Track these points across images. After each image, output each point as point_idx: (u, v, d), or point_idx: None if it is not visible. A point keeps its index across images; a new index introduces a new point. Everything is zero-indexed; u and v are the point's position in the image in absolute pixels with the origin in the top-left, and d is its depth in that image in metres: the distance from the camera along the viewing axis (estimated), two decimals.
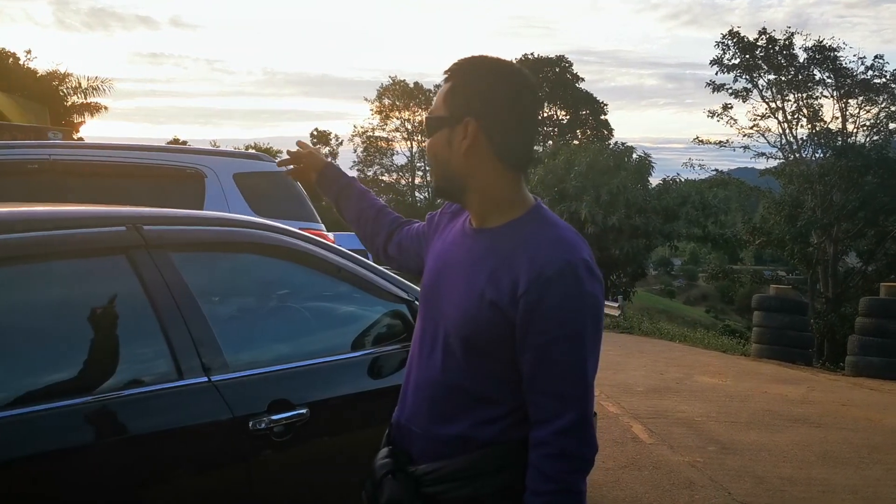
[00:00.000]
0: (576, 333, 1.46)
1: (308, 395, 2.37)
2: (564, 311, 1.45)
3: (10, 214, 2.13)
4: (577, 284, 1.45)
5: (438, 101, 1.58)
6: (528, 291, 1.45)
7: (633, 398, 7.44)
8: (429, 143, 1.61)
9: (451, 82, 1.56)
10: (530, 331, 1.47)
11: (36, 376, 1.95)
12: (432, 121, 1.59)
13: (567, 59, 55.13)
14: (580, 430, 1.46)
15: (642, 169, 29.69)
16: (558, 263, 1.46)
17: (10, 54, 31.95)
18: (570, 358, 1.47)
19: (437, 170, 1.61)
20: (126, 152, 5.34)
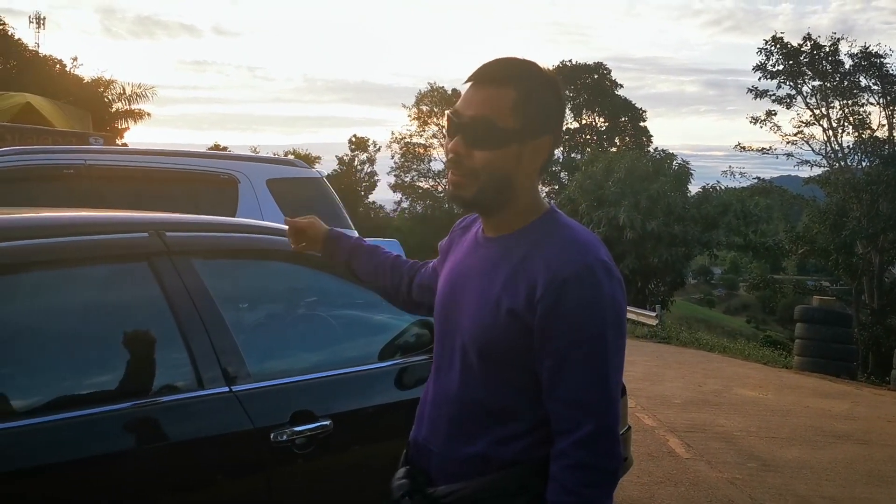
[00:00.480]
0: (596, 338, 1.39)
1: (332, 407, 2.31)
2: (583, 314, 1.39)
3: (31, 220, 2.12)
4: (596, 286, 1.39)
5: (499, 109, 1.43)
6: (544, 296, 1.39)
7: (670, 411, 7.28)
8: (486, 154, 1.44)
9: (515, 91, 1.44)
10: (549, 337, 1.40)
11: (54, 385, 1.93)
12: (498, 132, 1.43)
13: (605, 65, 54.79)
14: (601, 440, 1.39)
15: (682, 176, 29.33)
16: (575, 265, 1.40)
17: (56, 61, 32.69)
18: (591, 364, 1.40)
19: (489, 183, 1.46)
20: (161, 158, 5.36)
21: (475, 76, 1.48)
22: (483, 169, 1.45)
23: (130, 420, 1.94)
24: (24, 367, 1.91)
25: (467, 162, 1.46)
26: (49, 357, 1.97)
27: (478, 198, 1.48)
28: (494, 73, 1.47)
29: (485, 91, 1.46)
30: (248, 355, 2.22)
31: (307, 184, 5.76)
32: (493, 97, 1.45)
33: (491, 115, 1.43)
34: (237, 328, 2.26)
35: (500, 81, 1.45)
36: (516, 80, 1.46)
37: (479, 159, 1.45)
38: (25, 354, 1.94)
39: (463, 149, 1.46)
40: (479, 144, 1.45)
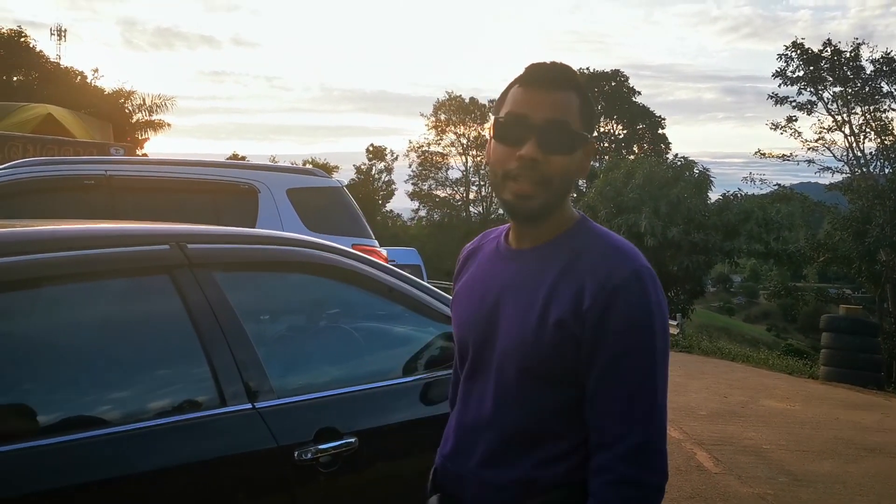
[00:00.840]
0: (645, 346, 1.33)
1: (357, 424, 2.24)
2: (633, 322, 1.33)
3: (51, 233, 2.06)
4: (645, 293, 1.34)
5: (571, 112, 1.39)
6: (593, 305, 1.33)
7: (696, 423, 7.14)
8: (562, 160, 1.39)
9: (577, 96, 1.41)
10: (597, 347, 1.34)
11: (72, 402, 1.87)
12: (574, 137, 1.39)
13: (623, 73, 54.62)
14: (647, 453, 1.32)
15: (702, 183, 29.10)
16: (623, 272, 1.34)
17: (78, 73, 33.05)
18: (639, 374, 1.34)
19: (560, 190, 1.41)
20: (180, 168, 5.34)
21: (536, 79, 1.42)
22: (558, 175, 1.39)
23: (152, 439, 1.87)
24: (42, 384, 1.86)
25: (542, 168, 1.38)
26: (67, 373, 1.92)
27: (546, 207, 1.41)
28: (557, 76, 1.42)
29: (553, 94, 1.40)
30: (271, 370, 2.16)
31: (327, 193, 5.73)
32: (563, 100, 1.40)
33: (566, 118, 1.39)
34: (260, 342, 2.19)
35: (565, 85, 1.41)
36: (575, 84, 1.43)
37: (555, 165, 1.39)
38: (43, 370, 1.88)
39: (540, 154, 1.38)
40: (557, 149, 1.39)
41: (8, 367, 1.83)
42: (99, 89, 30.87)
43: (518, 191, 1.40)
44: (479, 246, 1.64)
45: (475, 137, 54.39)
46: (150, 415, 1.92)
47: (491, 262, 1.54)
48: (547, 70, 1.42)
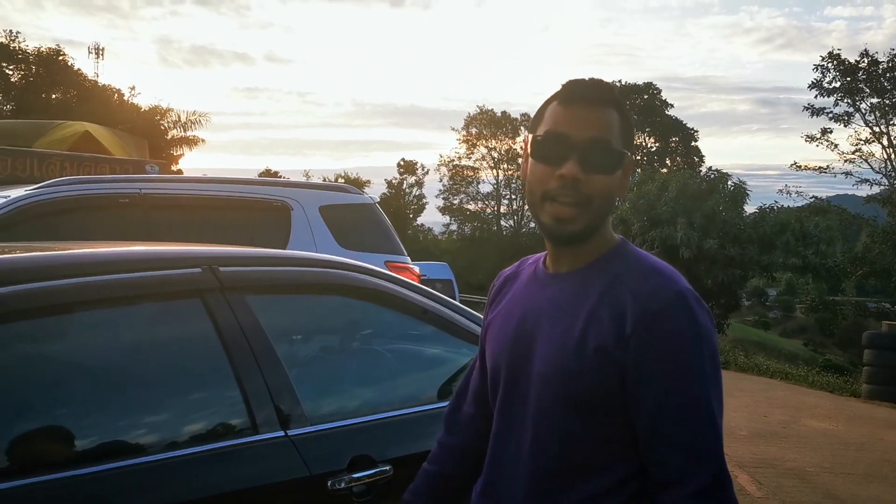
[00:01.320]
0: (696, 373, 1.26)
1: (391, 451, 2.17)
2: (679, 347, 1.26)
3: (82, 257, 2.04)
4: (690, 316, 1.27)
5: (611, 130, 1.34)
6: (636, 330, 1.26)
7: (736, 444, 6.96)
8: (604, 179, 1.33)
9: (617, 113, 1.36)
10: (644, 376, 1.26)
11: (103, 430, 1.82)
12: (616, 155, 1.34)
13: (655, 86, 54.29)
14: (718, 491, 1.25)
15: (738, 196, 28.73)
16: (665, 295, 1.27)
17: (115, 90, 33.68)
18: (695, 403, 1.26)
19: (601, 211, 1.36)
20: (214, 185, 5.35)
21: (576, 96, 1.36)
22: (599, 195, 1.34)
23: (182, 469, 1.82)
24: (71, 412, 1.82)
25: (584, 188, 1.33)
26: (97, 400, 1.88)
27: (587, 229, 1.36)
28: (597, 93, 1.36)
29: (593, 112, 1.35)
30: (304, 396, 2.10)
31: (360, 210, 5.71)
32: (603, 118, 1.35)
33: (607, 136, 1.34)
34: (292, 366, 2.14)
35: (605, 102, 1.36)
36: (615, 101, 1.37)
37: (596, 185, 1.33)
38: (73, 397, 1.84)
39: (581, 174, 1.32)
40: (598, 168, 1.33)
41: (39, 394, 1.80)
42: (135, 106, 31.43)
43: (556, 214, 1.34)
44: (515, 272, 1.57)
45: (506, 151, 54.36)
46: (180, 443, 1.87)
47: (528, 287, 1.48)
48: (587, 87, 1.36)
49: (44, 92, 33.24)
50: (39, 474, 1.62)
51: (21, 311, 1.75)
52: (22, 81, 34.35)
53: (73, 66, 34.53)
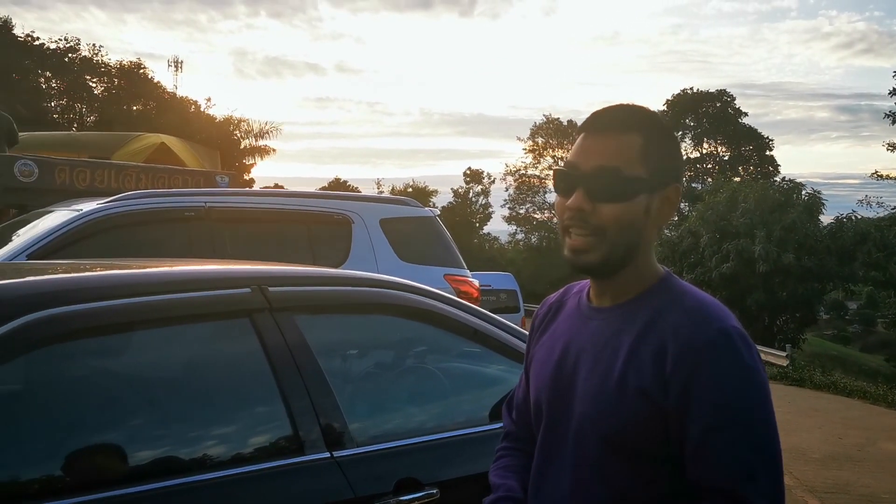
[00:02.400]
0: (739, 416, 1.19)
1: (439, 474, 2.15)
2: (722, 391, 1.19)
3: (132, 277, 2.08)
4: (734, 356, 1.20)
5: (626, 156, 1.28)
6: (675, 370, 1.20)
7: (808, 467, 6.71)
8: (615, 208, 1.28)
9: (640, 138, 1.29)
10: (686, 419, 1.20)
11: (150, 450, 1.86)
12: (628, 182, 1.27)
13: (728, 93, 53.11)
14: None
15: (813, 206, 27.81)
16: (708, 333, 1.21)
17: (192, 102, 34.76)
18: (737, 448, 1.19)
19: (619, 241, 1.29)
20: (277, 199, 5.45)
21: (592, 124, 1.33)
22: (612, 225, 1.28)
23: (228, 489, 1.84)
24: (119, 433, 1.86)
25: (593, 219, 1.29)
26: (145, 421, 1.92)
27: (607, 259, 1.30)
28: (614, 119, 1.31)
29: (607, 139, 1.30)
30: (351, 417, 2.10)
31: (420, 223, 5.73)
32: (617, 144, 1.29)
33: (617, 163, 1.27)
34: (339, 387, 2.15)
35: (623, 128, 1.30)
36: (639, 125, 1.31)
37: (606, 214, 1.28)
38: (122, 417, 1.88)
39: (587, 204, 1.28)
40: (607, 197, 1.28)
41: (91, 412, 1.85)
42: (210, 117, 32.35)
43: (572, 245, 1.31)
44: (560, 301, 1.53)
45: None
46: (227, 463, 1.89)
47: (571, 320, 1.43)
48: (605, 114, 1.33)
49: (125, 104, 34.53)
50: (88, 493, 1.66)
51: (73, 332, 1.79)
52: (105, 94, 35.78)
53: (153, 79, 35.81)
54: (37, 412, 1.79)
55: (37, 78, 34.13)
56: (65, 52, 34.84)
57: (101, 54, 35.72)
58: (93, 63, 35.26)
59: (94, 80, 35.87)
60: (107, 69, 35.53)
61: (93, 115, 34.80)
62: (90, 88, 35.76)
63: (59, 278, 2.02)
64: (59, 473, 1.71)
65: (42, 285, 1.90)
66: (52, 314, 1.73)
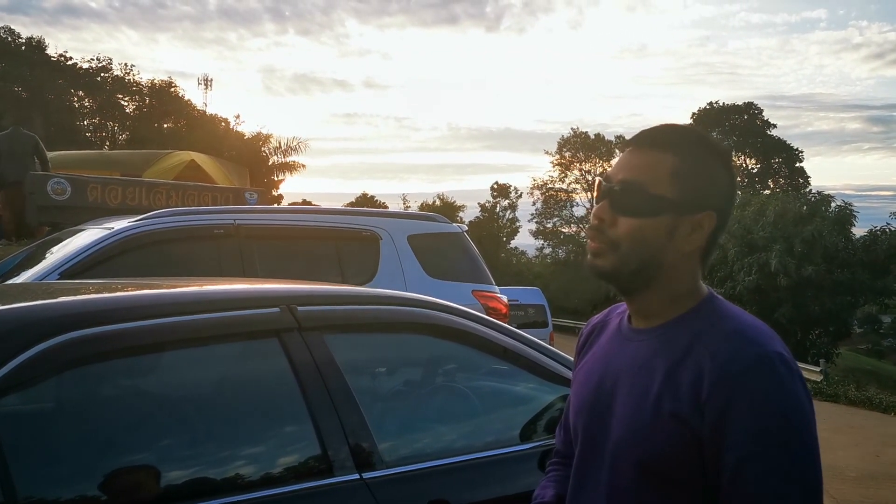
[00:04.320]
0: (779, 448, 1.14)
1: (470, 495, 2.12)
2: (761, 418, 1.14)
3: (161, 297, 2.09)
4: (774, 382, 1.15)
5: (654, 174, 1.26)
6: (712, 396, 1.16)
7: (844, 486, 6.56)
8: (631, 223, 1.26)
9: (676, 158, 1.26)
10: (721, 448, 1.16)
11: (179, 471, 1.85)
12: (651, 199, 1.25)
13: (756, 105, 52.73)
14: None
15: (843, 218, 27.39)
16: (747, 358, 1.16)
17: (222, 119, 35.19)
18: (775, 479, 1.13)
19: (631, 256, 1.27)
20: (305, 215, 5.48)
21: (634, 140, 1.32)
22: (626, 238, 1.27)
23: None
24: (149, 452, 1.85)
25: (610, 230, 1.28)
26: (173, 440, 1.91)
27: (616, 270, 1.29)
28: (655, 137, 1.30)
29: (641, 155, 1.29)
30: (380, 437, 2.08)
31: (448, 239, 5.72)
32: (649, 162, 1.27)
33: (644, 179, 1.26)
34: (369, 407, 2.13)
35: (661, 146, 1.28)
36: (678, 146, 1.28)
37: (622, 227, 1.27)
38: (151, 438, 1.88)
39: (608, 215, 1.28)
40: (626, 211, 1.27)
41: (119, 433, 1.84)
42: (239, 134, 32.67)
43: (589, 248, 1.32)
44: (604, 321, 1.50)
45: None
46: (255, 484, 1.87)
47: (611, 342, 1.41)
48: (648, 130, 1.32)
49: (156, 122, 35.09)
50: None
51: (103, 353, 1.79)
52: (136, 112, 36.40)
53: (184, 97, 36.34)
54: (67, 434, 1.79)
55: (70, 97, 34.80)
56: (97, 72, 35.52)
57: (132, 73, 36.37)
58: (125, 82, 35.89)
59: (126, 98, 36.51)
60: (138, 88, 36.15)
61: (125, 133, 35.39)
62: (122, 107, 36.39)
63: (89, 299, 2.03)
64: (89, 494, 1.70)
65: (72, 307, 1.90)
66: (83, 335, 1.73)
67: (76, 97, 35.42)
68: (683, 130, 1.31)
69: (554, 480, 1.58)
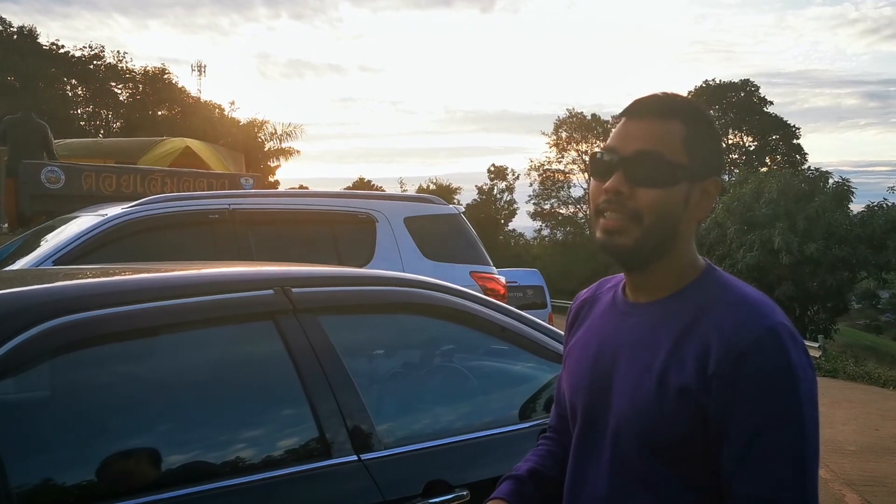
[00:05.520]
0: (787, 419, 1.13)
1: (469, 475, 2.10)
2: (769, 390, 1.13)
3: (153, 281, 2.06)
4: (782, 355, 1.14)
5: (668, 142, 1.24)
6: (720, 370, 1.14)
7: (844, 460, 6.58)
8: (654, 193, 1.23)
9: (684, 126, 1.25)
10: (728, 421, 1.15)
11: (174, 455, 1.83)
12: (670, 167, 1.23)
13: (753, 82, 52.57)
14: None
15: (841, 195, 27.38)
16: (754, 331, 1.15)
17: (216, 106, 35.05)
18: (783, 453, 1.12)
19: (655, 228, 1.24)
20: (301, 199, 5.45)
21: (634, 110, 1.28)
22: (649, 210, 1.23)
23: (252, 494, 1.80)
24: (143, 437, 1.84)
25: (630, 203, 1.24)
26: (168, 425, 1.89)
27: (640, 246, 1.24)
28: (658, 106, 1.27)
29: (649, 124, 1.26)
30: (378, 418, 2.07)
31: (445, 220, 5.70)
32: (660, 130, 1.25)
33: (660, 148, 1.23)
34: (366, 388, 2.11)
35: (666, 114, 1.26)
36: (682, 114, 1.26)
37: (644, 199, 1.23)
38: (144, 423, 1.86)
39: (625, 187, 1.24)
40: (646, 181, 1.23)
41: (112, 418, 1.83)
42: (234, 120, 32.58)
43: (604, 225, 1.26)
44: (594, 296, 1.47)
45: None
46: (252, 468, 1.86)
47: (606, 316, 1.38)
48: (647, 101, 1.29)
49: (150, 109, 34.94)
50: (114, 500, 1.64)
51: (94, 338, 1.78)
52: (130, 100, 36.24)
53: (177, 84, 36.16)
54: (58, 419, 1.77)
55: (63, 86, 34.63)
56: (90, 60, 35.31)
57: (125, 61, 36.17)
58: (117, 70, 35.70)
59: (120, 86, 36.33)
60: (131, 75, 35.97)
61: (119, 122, 35.27)
62: (115, 95, 36.23)
63: (79, 284, 2.00)
64: (80, 481, 1.70)
65: (62, 291, 1.88)
66: (73, 320, 1.71)
67: (69, 86, 35.24)
68: (682, 99, 1.30)
69: (537, 454, 1.55)
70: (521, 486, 1.48)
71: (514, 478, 1.50)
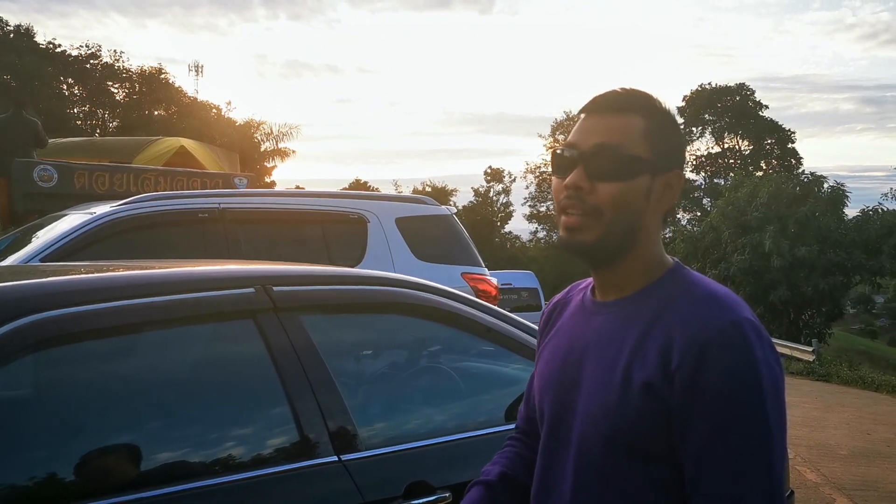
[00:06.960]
0: (750, 415, 1.11)
1: (451, 477, 2.08)
2: (731, 385, 1.11)
3: (132, 279, 2.04)
4: (745, 350, 1.12)
5: (628, 135, 1.23)
6: (682, 364, 1.13)
7: (836, 464, 6.57)
8: (614, 187, 1.21)
9: (644, 119, 1.24)
10: (690, 416, 1.13)
11: (152, 455, 1.81)
12: (630, 161, 1.21)
13: (748, 86, 52.58)
14: None
15: (836, 199, 27.42)
16: (717, 324, 1.13)
17: (213, 106, 35.01)
18: (746, 449, 1.11)
19: (616, 223, 1.22)
20: (291, 199, 5.43)
21: (593, 106, 1.28)
22: (610, 205, 1.22)
23: (231, 494, 1.79)
24: (121, 436, 1.82)
25: (590, 198, 1.22)
26: (146, 424, 1.87)
27: (602, 242, 1.23)
28: (617, 100, 1.26)
29: (608, 119, 1.25)
30: (360, 420, 2.05)
31: (437, 221, 5.68)
32: (619, 124, 1.24)
33: (619, 141, 1.22)
34: (347, 388, 2.09)
35: (625, 109, 1.25)
36: (642, 108, 1.26)
37: (604, 193, 1.22)
38: (122, 421, 1.84)
39: (585, 182, 1.22)
40: (606, 175, 1.22)
41: (90, 416, 1.81)
42: (231, 121, 32.53)
43: (566, 223, 1.25)
44: (566, 299, 1.46)
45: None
46: (231, 468, 1.84)
47: (575, 317, 1.37)
48: (606, 95, 1.28)
49: (146, 109, 34.90)
50: (90, 499, 1.62)
51: (70, 335, 1.75)
52: (126, 99, 36.19)
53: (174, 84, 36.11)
54: (34, 417, 1.76)
55: (59, 85, 34.57)
56: (86, 59, 35.25)
57: (122, 60, 36.12)
58: (114, 69, 35.66)
59: (116, 85, 36.29)
60: (128, 75, 35.93)
61: (115, 121, 35.20)
62: (112, 94, 36.17)
63: (56, 281, 1.98)
64: (56, 480, 1.68)
65: (38, 288, 1.86)
66: (48, 317, 1.69)
67: (65, 85, 35.18)
68: (639, 93, 1.28)
69: (504, 457, 1.53)
70: (492, 492, 1.46)
71: (485, 483, 1.47)
